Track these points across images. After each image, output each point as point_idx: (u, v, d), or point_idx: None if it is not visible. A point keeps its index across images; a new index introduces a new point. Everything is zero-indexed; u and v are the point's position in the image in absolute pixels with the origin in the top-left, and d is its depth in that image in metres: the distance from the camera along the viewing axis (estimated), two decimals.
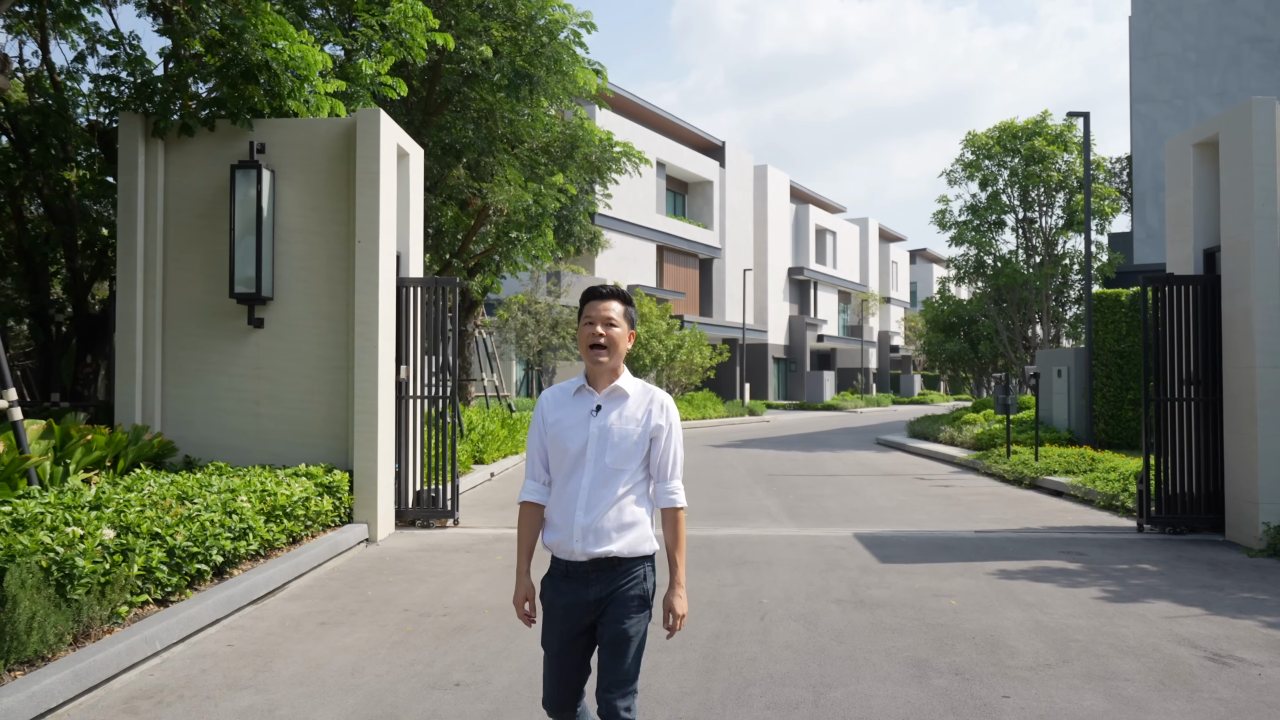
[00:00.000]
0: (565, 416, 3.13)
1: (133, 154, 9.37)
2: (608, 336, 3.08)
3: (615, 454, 3.05)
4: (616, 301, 3.13)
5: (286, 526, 7.41)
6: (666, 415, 3.13)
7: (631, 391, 3.14)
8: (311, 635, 5.71)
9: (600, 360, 3.07)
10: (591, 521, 3.02)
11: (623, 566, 3.04)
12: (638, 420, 3.09)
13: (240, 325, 9.35)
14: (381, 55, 11.20)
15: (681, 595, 3.07)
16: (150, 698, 4.62)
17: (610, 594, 3.03)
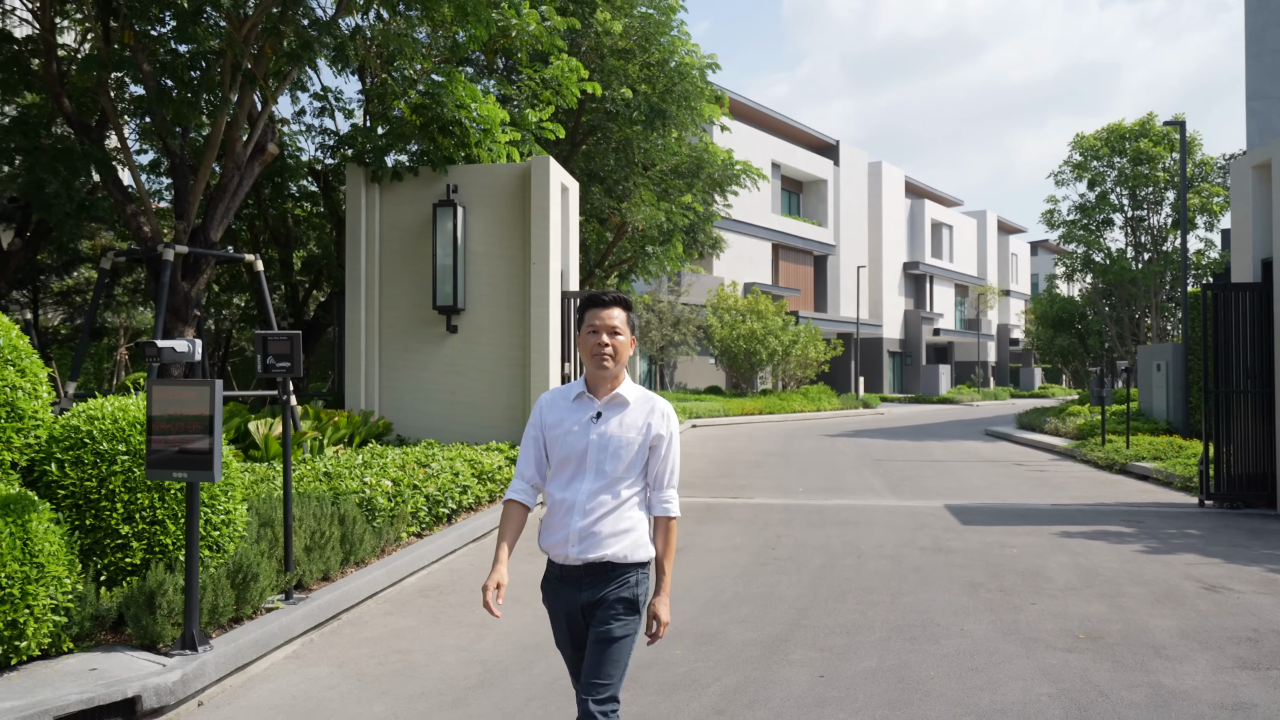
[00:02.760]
0: (564, 420, 3.14)
1: (357, 197, 11.81)
2: (613, 345, 3.08)
3: (615, 462, 3.05)
4: (619, 309, 3.13)
5: (489, 487, 9.65)
6: (667, 424, 3.13)
7: (632, 399, 3.13)
8: (524, 560, 7.86)
9: (605, 367, 3.08)
10: (588, 527, 3.03)
11: (615, 572, 3.04)
12: (639, 429, 3.08)
13: (439, 331, 11.69)
14: (542, 104, 13.42)
15: (666, 603, 3.07)
16: (432, 590, 6.83)
17: (600, 597, 3.04)
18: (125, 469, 5.05)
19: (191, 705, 4.56)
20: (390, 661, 5.26)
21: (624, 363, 3.14)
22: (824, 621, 5.97)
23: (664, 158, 16.83)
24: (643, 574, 3.10)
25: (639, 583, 3.08)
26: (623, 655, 3.03)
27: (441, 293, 11.45)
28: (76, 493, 4.99)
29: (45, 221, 12.04)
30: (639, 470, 3.11)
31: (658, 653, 5.34)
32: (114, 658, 4.68)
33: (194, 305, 9.64)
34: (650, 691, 4.74)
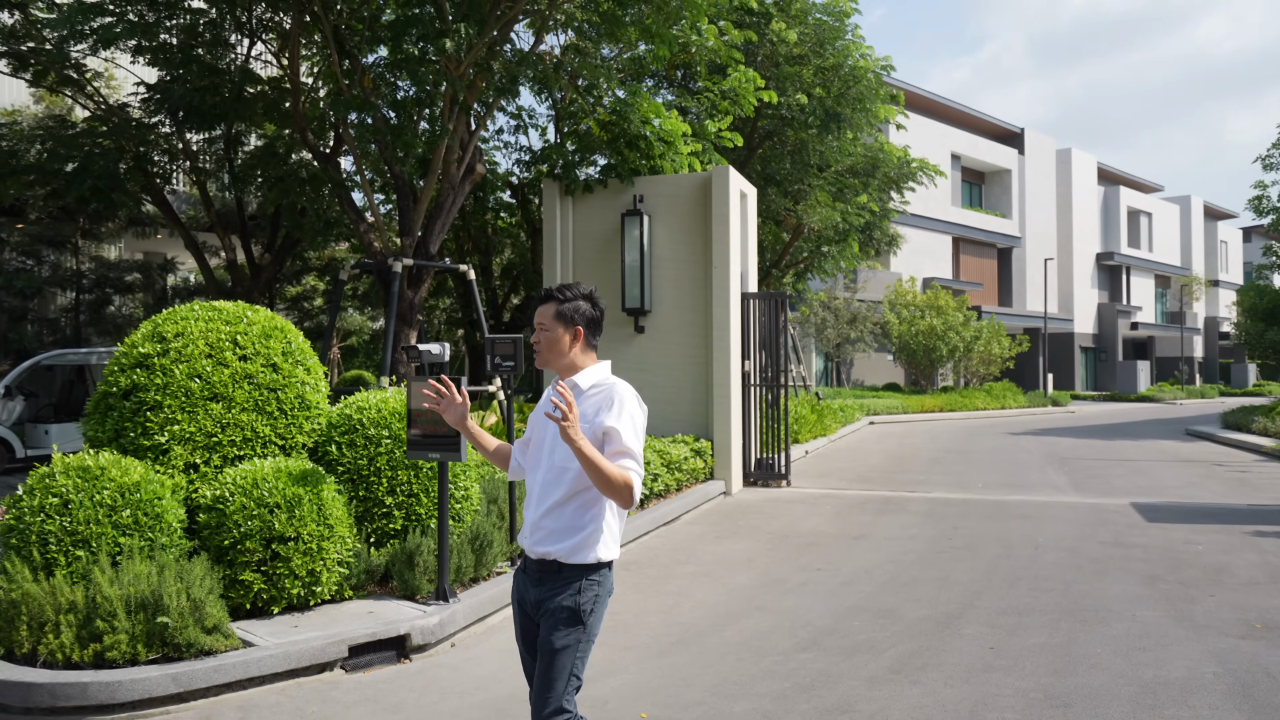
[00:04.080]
0: (540, 409, 3.13)
1: (552, 209, 12.87)
2: (540, 340, 3.05)
3: (562, 453, 2.93)
4: (549, 304, 3.06)
5: (677, 477, 10.42)
6: (619, 415, 2.90)
7: (586, 387, 3.00)
8: (712, 542, 8.59)
9: (535, 361, 3.12)
10: (538, 519, 2.96)
11: (561, 573, 2.91)
12: (588, 419, 2.92)
13: (628, 331, 12.58)
14: (720, 114, 14.09)
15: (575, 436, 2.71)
16: (631, 565, 7.64)
17: (545, 599, 2.93)
18: (388, 450, 6.09)
19: (446, 645, 5.51)
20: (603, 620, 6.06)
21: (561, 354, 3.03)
22: (996, 604, 6.35)
23: (839, 159, 17.16)
24: (590, 581, 2.92)
25: (583, 590, 2.90)
26: (564, 667, 2.90)
27: (630, 296, 12.31)
28: (351, 469, 6.07)
29: (290, 236, 13.76)
30: None
31: (838, 621, 5.92)
32: (384, 604, 5.71)
33: (417, 311, 10.91)
34: (832, 653, 5.32)
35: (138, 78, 13.08)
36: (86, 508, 5.00)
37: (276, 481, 5.41)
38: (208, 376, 5.70)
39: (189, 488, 5.58)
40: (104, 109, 12.46)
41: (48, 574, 4.90)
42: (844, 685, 4.81)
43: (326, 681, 4.92)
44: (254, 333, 5.96)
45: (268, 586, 5.35)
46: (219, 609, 4.86)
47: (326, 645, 4.99)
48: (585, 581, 2.92)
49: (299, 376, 6.08)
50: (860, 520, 9.67)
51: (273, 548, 5.31)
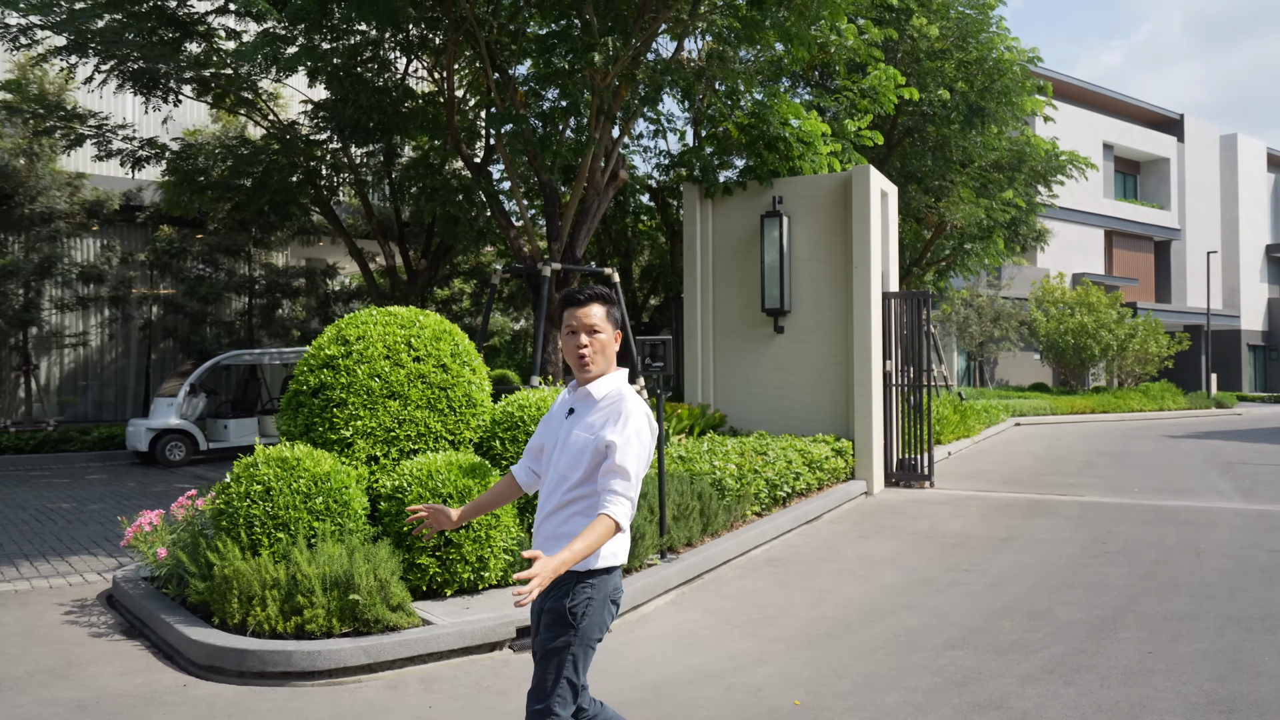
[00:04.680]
0: (554, 414, 3.12)
1: (692, 211, 13.12)
2: (593, 345, 2.96)
3: (568, 461, 2.94)
4: (597, 305, 2.99)
5: (818, 476, 10.49)
6: (623, 430, 2.86)
7: (599, 397, 2.96)
8: (855, 541, 8.65)
9: (587, 370, 2.98)
10: (541, 524, 3.00)
11: (560, 579, 2.88)
12: (593, 430, 2.90)
13: (767, 332, 12.70)
14: (860, 113, 14.03)
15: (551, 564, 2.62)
16: (776, 561, 7.80)
17: (545, 604, 2.96)
18: None
19: None
20: (750, 613, 6.26)
21: (610, 359, 3.00)
22: (1154, 609, 6.22)
23: (983, 154, 16.77)
24: (584, 585, 2.89)
25: (574, 594, 2.88)
26: (554, 669, 2.87)
27: (769, 296, 12.44)
28: (514, 463, 6.45)
29: (443, 242, 14.50)
30: (589, 472, 2.89)
31: (987, 621, 5.93)
32: None
33: None
34: (982, 651, 5.36)
35: (304, 95, 14.05)
36: (285, 494, 5.54)
37: (449, 473, 5.84)
38: (386, 376, 6.19)
39: (370, 478, 6.08)
40: (276, 127, 13.45)
41: (254, 553, 5.46)
42: (996, 683, 4.85)
43: (496, 659, 5.30)
44: (426, 336, 6.43)
45: (441, 570, 5.78)
46: (401, 589, 5.31)
47: (496, 626, 5.37)
48: (578, 585, 2.89)
49: (466, 376, 6.51)
50: (1008, 522, 9.53)
51: (446, 535, 5.74)
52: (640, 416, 2.92)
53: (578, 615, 2.88)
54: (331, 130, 12.71)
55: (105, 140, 13.15)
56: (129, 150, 13.24)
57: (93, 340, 17.91)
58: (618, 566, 2.99)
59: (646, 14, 10.22)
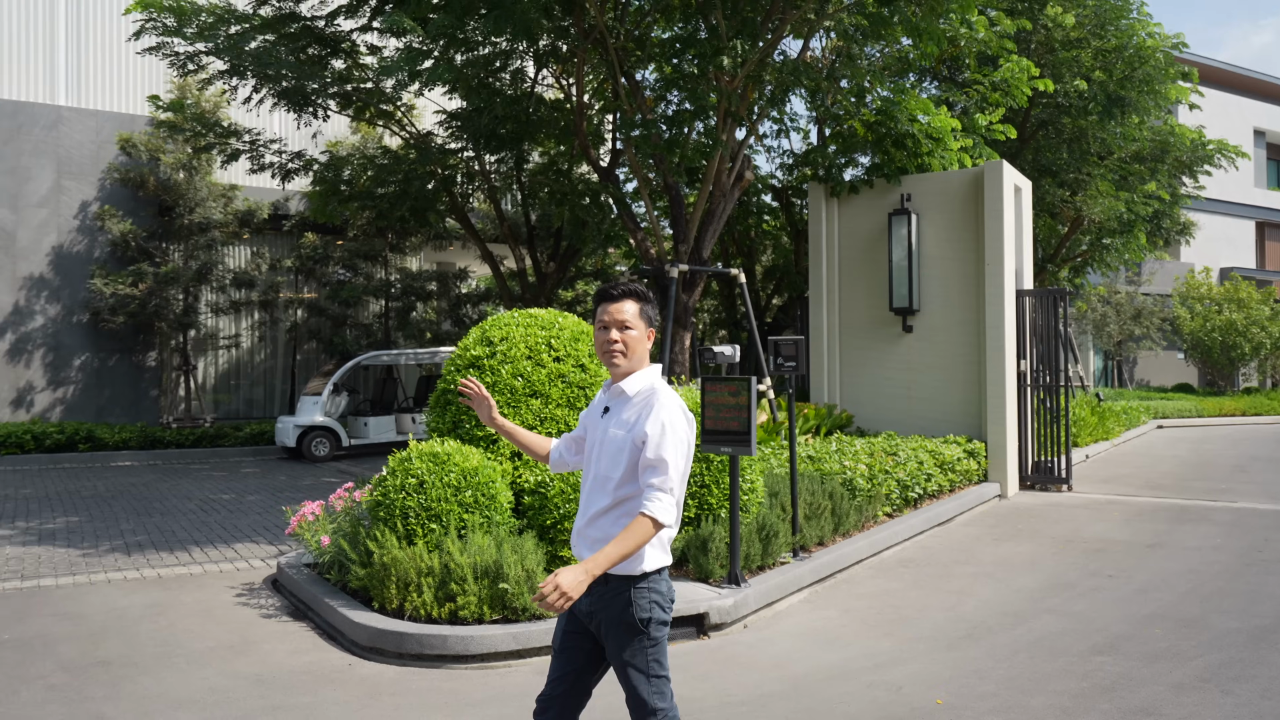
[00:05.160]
0: (592, 412, 3.10)
1: (818, 210, 13.07)
2: (623, 340, 2.92)
3: (607, 460, 2.90)
4: (631, 301, 2.96)
5: (949, 477, 10.32)
6: (658, 422, 2.82)
7: (632, 394, 2.93)
8: (990, 544, 8.49)
9: (616, 365, 2.94)
10: (584, 527, 2.95)
11: (612, 584, 2.84)
12: (628, 427, 2.87)
13: (895, 331, 12.55)
14: (991, 107, 13.70)
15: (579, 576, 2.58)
16: (909, 562, 7.75)
17: (599, 612, 2.88)
18: None
19: (739, 626, 5.93)
20: (886, 613, 6.26)
21: (641, 356, 2.96)
22: None
23: (1123, 145, 16.10)
24: (640, 590, 2.83)
25: (634, 601, 2.82)
26: (640, 672, 2.86)
27: (898, 295, 12.28)
28: None
29: (571, 245, 14.86)
30: (629, 470, 2.84)
31: (1136, 628, 5.77)
32: (681, 585, 6.20)
33: (690, 314, 11.49)
34: (1131, 658, 5.23)
35: (438, 106, 14.62)
36: (437, 487, 5.85)
37: None
38: (528, 376, 6.45)
39: (514, 473, 6.35)
40: (413, 138, 14.04)
41: (409, 542, 5.79)
42: (1147, 689, 4.74)
43: None
44: (565, 336, 6.67)
45: None
46: None
47: None
48: (634, 591, 2.84)
49: (604, 376, 6.72)
50: (1153, 528, 9.17)
51: None
52: (674, 409, 2.87)
53: (645, 620, 2.85)
54: (466, 139, 13.19)
55: (258, 154, 13.99)
56: (279, 163, 14.06)
57: (244, 342, 19.05)
58: (666, 566, 2.93)
59: (774, 15, 10.26)
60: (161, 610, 6.35)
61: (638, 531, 2.69)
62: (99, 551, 8.23)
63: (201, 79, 13.08)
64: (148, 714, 4.55)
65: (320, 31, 12.18)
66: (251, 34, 11.76)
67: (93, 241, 16.94)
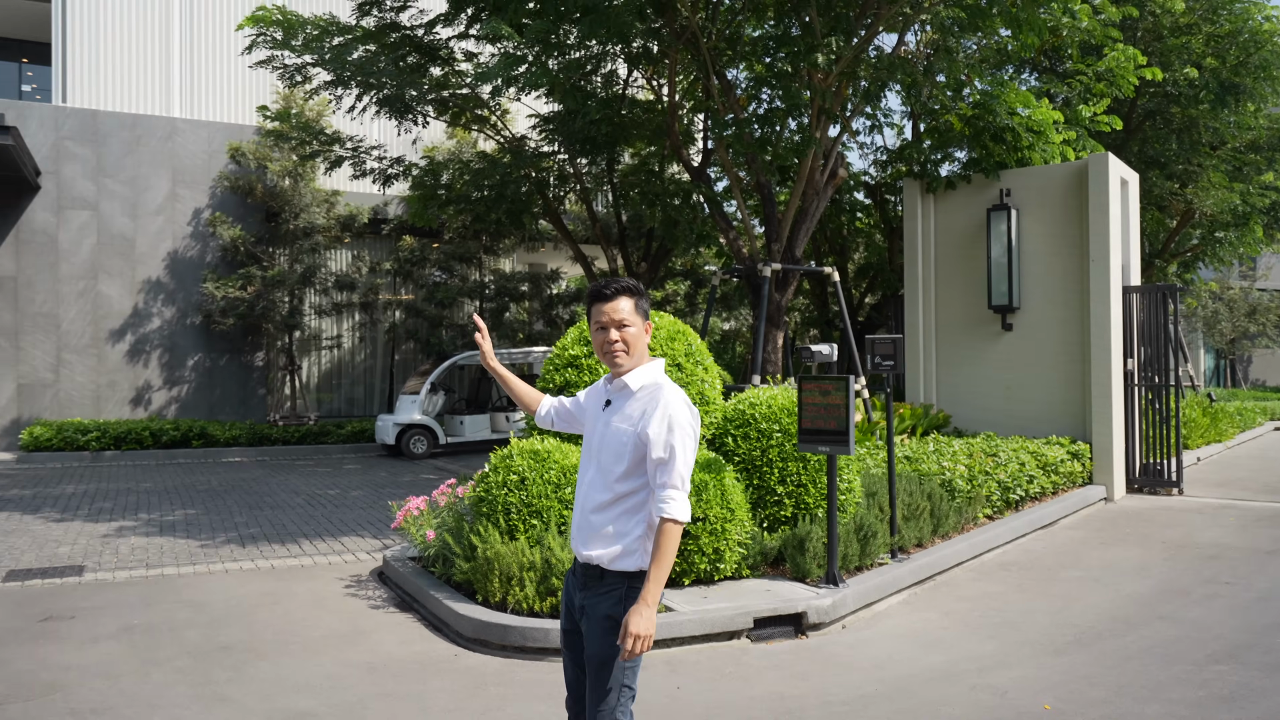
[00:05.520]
0: (590, 404, 3.09)
1: (913, 207, 12.86)
2: (623, 339, 2.91)
3: (608, 453, 2.88)
4: (625, 298, 2.94)
5: (1052, 479, 10.05)
6: (666, 423, 2.81)
7: (636, 388, 2.91)
8: (1096, 549, 8.24)
9: (618, 364, 2.92)
10: (583, 521, 2.93)
11: (607, 580, 2.85)
12: (632, 422, 2.85)
13: (994, 330, 12.26)
14: (1095, 97, 13.27)
15: (641, 613, 2.66)
16: (1011, 565, 7.58)
17: (586, 604, 2.88)
18: (778, 443, 6.60)
19: (837, 626, 5.90)
20: (989, 616, 6.14)
21: (642, 352, 2.94)
22: None
23: (1237, 134, 15.40)
24: (634, 588, 2.80)
25: (625, 598, 2.80)
26: (610, 678, 2.81)
27: (996, 292, 12.00)
28: (745, 460, 6.65)
29: (663, 245, 14.94)
30: (630, 468, 2.83)
31: (1257, 637, 5.55)
32: (778, 584, 6.21)
33: (783, 313, 11.44)
34: (1252, 668, 5.03)
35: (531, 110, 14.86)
36: (538, 484, 5.97)
37: None
38: None
39: None
40: (509, 142, 14.31)
41: (511, 537, 5.92)
42: (1271, 700, 4.56)
43: (735, 648, 5.49)
44: (661, 336, 6.73)
45: (679, 561, 6.04)
46: None
47: (735, 615, 5.57)
48: (628, 589, 2.82)
49: (699, 375, 6.76)
50: (1272, 534, 8.78)
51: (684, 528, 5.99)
52: (680, 404, 2.86)
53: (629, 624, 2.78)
54: (559, 142, 13.38)
55: (360, 161, 14.44)
56: (380, 169, 14.49)
57: (345, 342, 19.67)
58: None
59: (869, 11, 10.15)
60: (276, 599, 6.63)
61: (668, 539, 2.73)
62: (216, 543, 8.63)
63: (307, 89, 13.56)
64: (269, 697, 4.76)
65: (419, 40, 12.51)
66: (354, 45, 12.15)
67: (205, 247, 17.72)
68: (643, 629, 2.64)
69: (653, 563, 2.72)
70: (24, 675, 5.05)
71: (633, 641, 2.64)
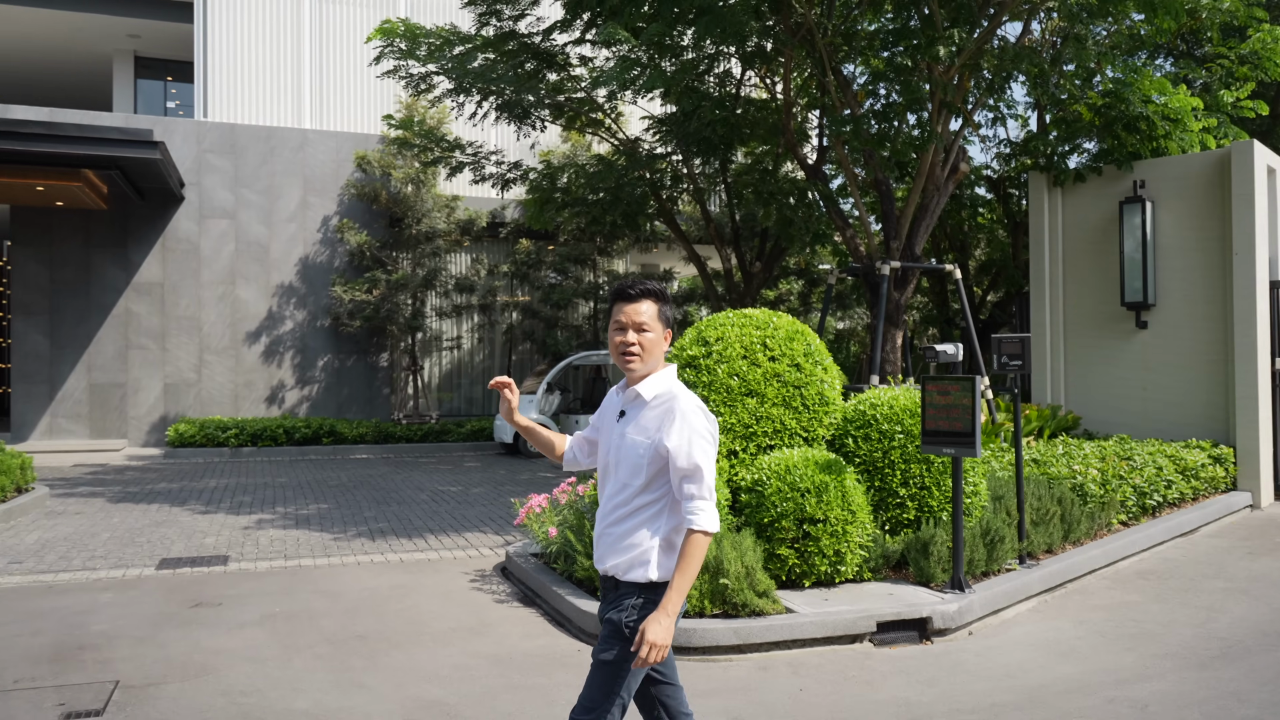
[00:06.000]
0: (606, 415, 3.04)
1: (1039, 201, 12.42)
2: (640, 343, 2.84)
3: (625, 467, 2.85)
4: (649, 301, 2.87)
5: (1192, 485, 9.55)
6: (686, 435, 2.76)
7: (650, 398, 2.86)
8: (1243, 558, 7.80)
9: (631, 368, 2.86)
10: (601, 533, 2.91)
11: (622, 589, 2.84)
12: (649, 434, 2.81)
13: (1127, 327, 11.73)
14: (1239, 82, 12.54)
15: (660, 621, 2.65)
16: (1149, 574, 7.24)
17: (607, 612, 2.88)
18: (900, 445, 6.48)
19: (964, 633, 5.76)
20: (1125, 626, 5.89)
21: (657, 359, 2.87)
22: None
23: None
24: (645, 598, 2.79)
25: (633, 607, 2.78)
26: (607, 682, 2.78)
27: (1130, 289, 11.48)
28: (866, 461, 6.56)
29: (778, 244, 14.84)
30: (648, 479, 2.79)
31: None
32: (901, 588, 6.10)
33: (902, 311, 11.20)
34: None
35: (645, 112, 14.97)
36: None
37: (805, 469, 6.05)
38: (744, 375, 6.53)
39: (730, 471, 6.44)
40: (623, 144, 14.45)
41: None
42: None
43: (858, 652, 5.42)
44: (780, 336, 6.70)
45: (800, 562, 6.01)
46: (765, 577, 5.59)
47: (857, 619, 5.50)
48: (637, 599, 2.80)
49: (818, 375, 6.70)
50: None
51: (804, 528, 5.96)
52: (696, 412, 2.81)
53: (631, 628, 2.79)
54: (674, 143, 13.45)
55: (479, 166, 14.83)
56: (499, 174, 14.84)
57: (464, 343, 20.22)
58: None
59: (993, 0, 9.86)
60: (406, 592, 6.87)
61: (695, 551, 2.70)
62: (347, 536, 9.00)
63: (430, 98, 14.01)
64: (402, 685, 4.95)
65: (536, 46, 12.77)
66: (474, 53, 12.48)
67: (333, 252, 18.48)
68: (660, 638, 2.63)
69: (677, 572, 2.70)
70: (179, 657, 5.38)
71: (648, 650, 2.62)
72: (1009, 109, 14.97)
